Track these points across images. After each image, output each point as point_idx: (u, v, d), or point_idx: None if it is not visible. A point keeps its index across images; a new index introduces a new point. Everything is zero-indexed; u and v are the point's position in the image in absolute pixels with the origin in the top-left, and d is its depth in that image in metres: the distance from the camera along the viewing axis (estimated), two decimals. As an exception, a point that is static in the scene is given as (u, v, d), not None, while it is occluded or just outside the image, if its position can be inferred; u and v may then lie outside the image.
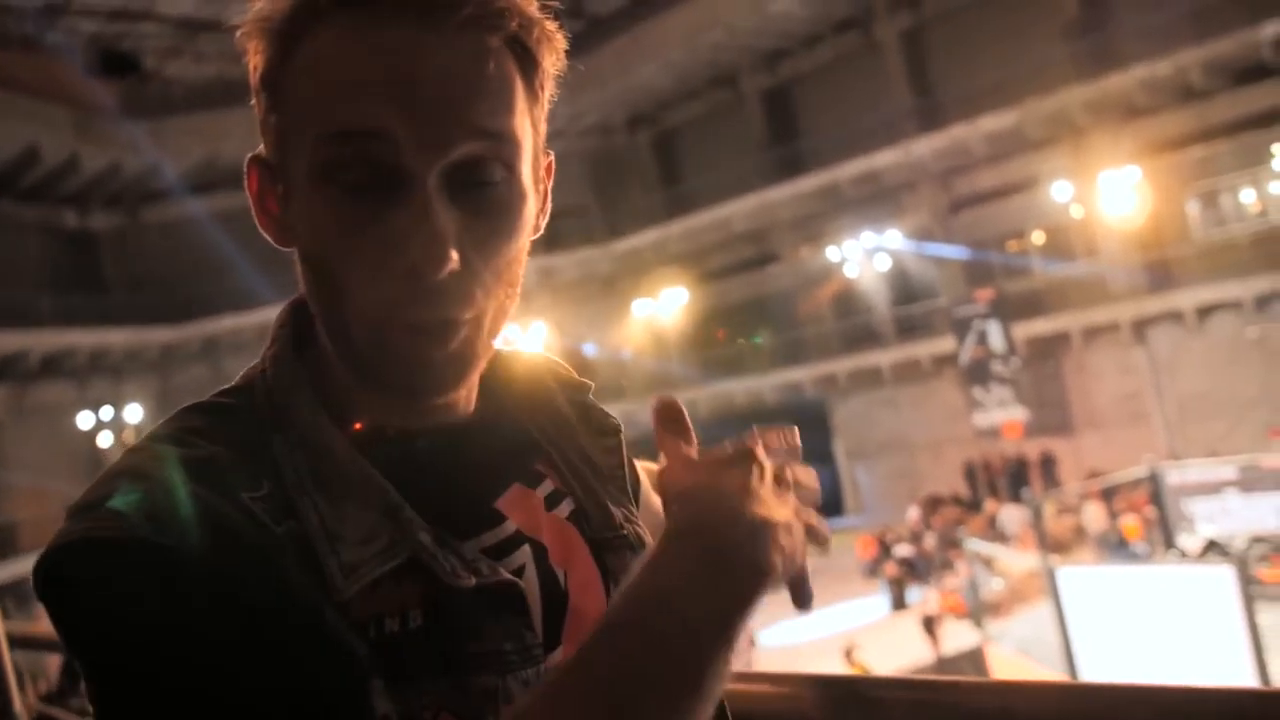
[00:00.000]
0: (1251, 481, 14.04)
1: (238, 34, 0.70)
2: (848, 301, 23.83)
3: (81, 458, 20.83)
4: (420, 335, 0.66)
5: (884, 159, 21.53)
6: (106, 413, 21.03)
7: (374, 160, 0.64)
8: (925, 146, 21.01)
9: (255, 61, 0.70)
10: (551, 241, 26.37)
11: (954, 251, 21.47)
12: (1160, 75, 17.99)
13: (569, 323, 25.07)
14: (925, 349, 21.63)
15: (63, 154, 21.66)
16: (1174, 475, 14.78)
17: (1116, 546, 15.78)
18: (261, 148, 0.72)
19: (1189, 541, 14.11)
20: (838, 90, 23.85)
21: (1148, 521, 15.63)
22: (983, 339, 19.31)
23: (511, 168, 0.68)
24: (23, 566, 16.13)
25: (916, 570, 17.33)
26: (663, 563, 0.61)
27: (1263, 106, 17.66)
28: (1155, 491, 14.87)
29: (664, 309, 25.23)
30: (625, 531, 0.80)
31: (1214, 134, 18.38)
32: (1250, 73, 17.49)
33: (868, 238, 22.07)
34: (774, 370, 24.46)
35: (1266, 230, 18.72)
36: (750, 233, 24.71)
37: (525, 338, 22.85)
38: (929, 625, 13.98)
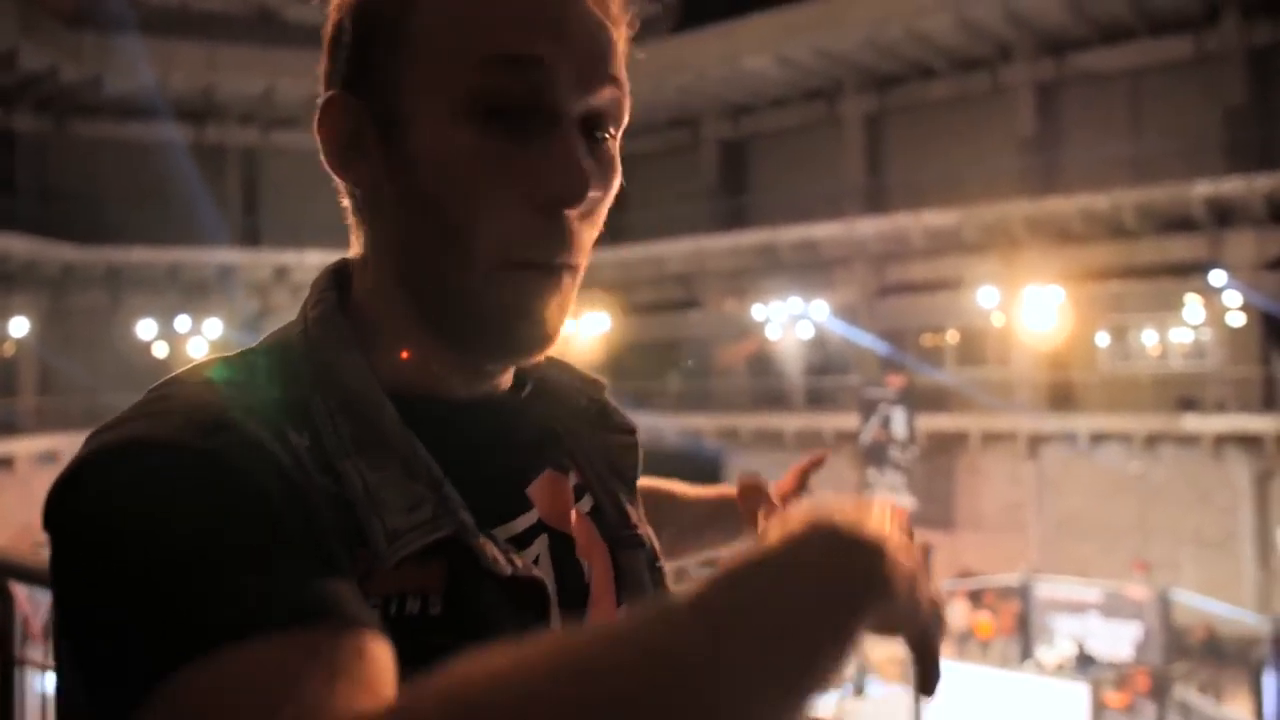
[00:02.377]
0: (1114, 607, 14.67)
1: None
2: (763, 361, 24.15)
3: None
4: (539, 279, 0.65)
5: (825, 230, 21.98)
6: (-12, 321, 19.92)
7: (529, 90, 0.63)
8: (868, 227, 21.54)
9: (368, 4, 0.67)
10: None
11: (872, 337, 21.98)
12: (1097, 208, 18.84)
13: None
14: (830, 421, 22.02)
15: (2, 45, 20.62)
16: (1044, 588, 15.35)
17: (971, 645, 16.22)
18: (329, 91, 0.69)
19: (1047, 654, 14.62)
20: (794, 154, 24.33)
21: (1005, 628, 16.15)
22: (886, 423, 19.75)
23: (619, 124, 0.69)
24: None
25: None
26: (774, 552, 0.50)
27: (1183, 256, 18.63)
28: (1023, 600, 15.40)
29: (582, 332, 25.19)
30: (639, 531, 0.79)
31: (1134, 273, 19.29)
32: (1177, 223, 18.46)
33: (794, 303, 22.42)
34: (679, 413, 24.60)
35: (1165, 373, 19.69)
36: (681, 275, 24.91)
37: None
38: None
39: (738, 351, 24.47)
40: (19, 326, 20.52)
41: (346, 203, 0.72)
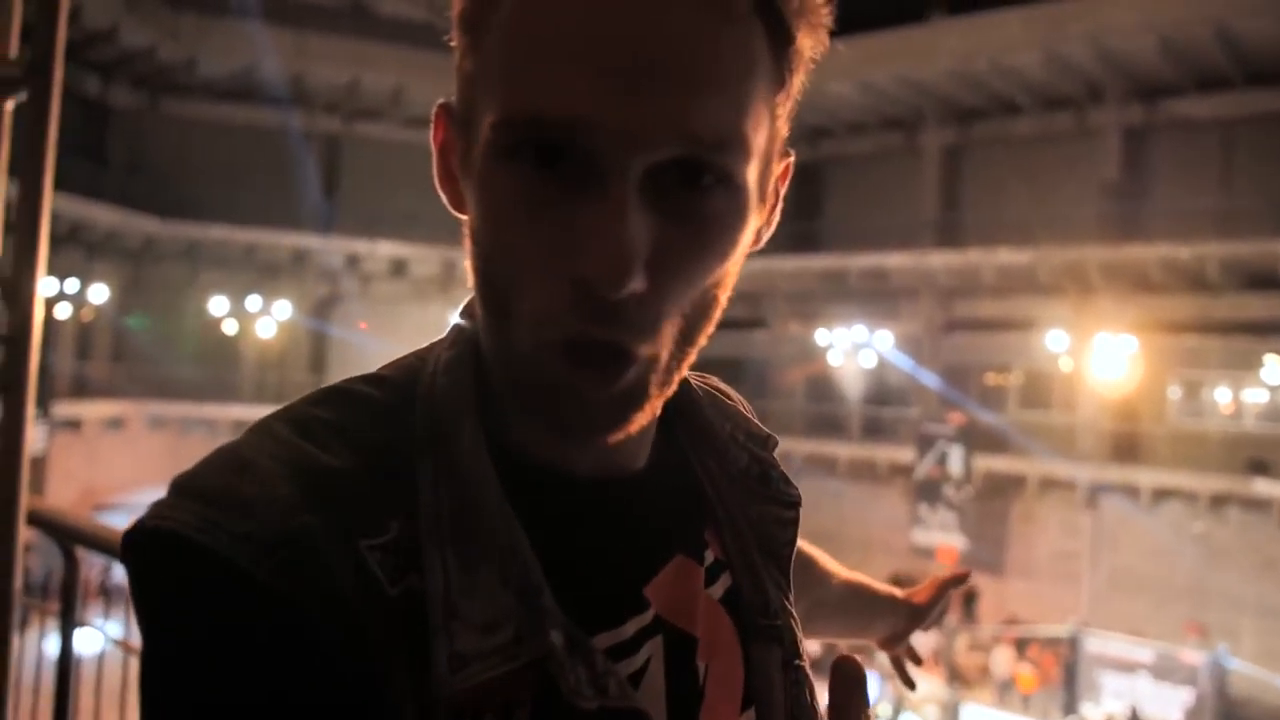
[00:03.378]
0: (1166, 670, 14.25)
1: None
2: (822, 386, 23.95)
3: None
4: (583, 360, 0.54)
5: (896, 261, 21.75)
6: (72, 285, 20.51)
7: (569, 143, 0.52)
8: (939, 260, 21.26)
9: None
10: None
11: (934, 372, 21.67)
12: (1179, 258, 18.37)
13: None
14: (885, 453, 21.75)
15: (105, 21, 21.25)
16: (1094, 643, 14.96)
17: (1012, 695, 15.86)
18: (454, 95, 0.60)
19: (1093, 712, 14.24)
20: (869, 182, 24.12)
21: (1048, 679, 15.76)
22: (943, 460, 19.48)
23: (732, 175, 0.54)
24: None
25: (819, 667, 17.28)
26: None
27: (1263, 315, 18.09)
28: (1072, 654, 15.02)
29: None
30: (779, 623, 0.71)
31: (1212, 328, 18.78)
32: (1261, 280, 17.91)
33: (859, 331, 22.22)
34: (733, 432, 24.45)
35: (1236, 433, 19.10)
36: (748, 293, 24.80)
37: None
38: (823, 722, 13.95)
39: (795, 374, 24.30)
40: (99, 293, 21.11)
41: None
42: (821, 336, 22.97)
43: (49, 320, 20.80)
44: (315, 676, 0.50)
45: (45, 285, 2.05)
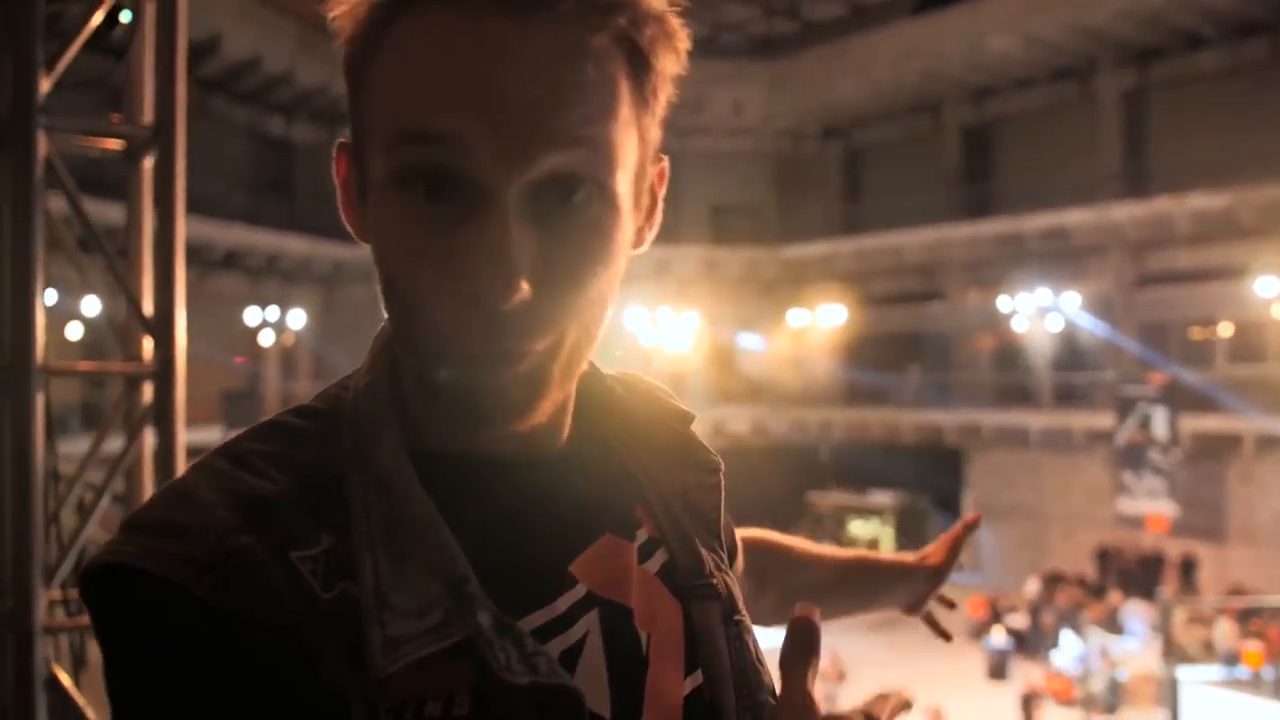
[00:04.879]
0: None
1: (330, 17, 0.65)
2: (1008, 355, 22.98)
3: (242, 350, 21.98)
4: (481, 363, 0.60)
5: (1076, 217, 20.60)
6: (272, 312, 22.06)
7: (448, 169, 0.58)
8: (1124, 212, 20.00)
9: (344, 46, 0.64)
10: (719, 235, 26.33)
11: (1129, 331, 20.42)
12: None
13: (723, 318, 25.00)
14: (1080, 420, 20.66)
15: (283, 65, 22.75)
16: (1329, 612, 13.75)
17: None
18: (341, 138, 0.68)
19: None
20: (1042, 138, 22.93)
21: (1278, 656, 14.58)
22: (1145, 423, 18.32)
23: (605, 184, 0.60)
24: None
25: (1026, 644, 16.62)
26: None
27: None
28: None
29: (819, 324, 24.86)
30: (714, 580, 0.75)
31: None
32: None
33: (1043, 294, 21.16)
34: (916, 409, 23.83)
35: None
36: (921, 265, 24.08)
37: (677, 324, 22.93)
38: (1028, 704, 13.41)
39: (978, 344, 23.42)
40: (296, 318, 22.60)
41: None
42: (1003, 303, 22.01)
43: (256, 346, 22.37)
44: (253, 683, 0.56)
45: (182, 322, 2.25)
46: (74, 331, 16.42)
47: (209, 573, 0.56)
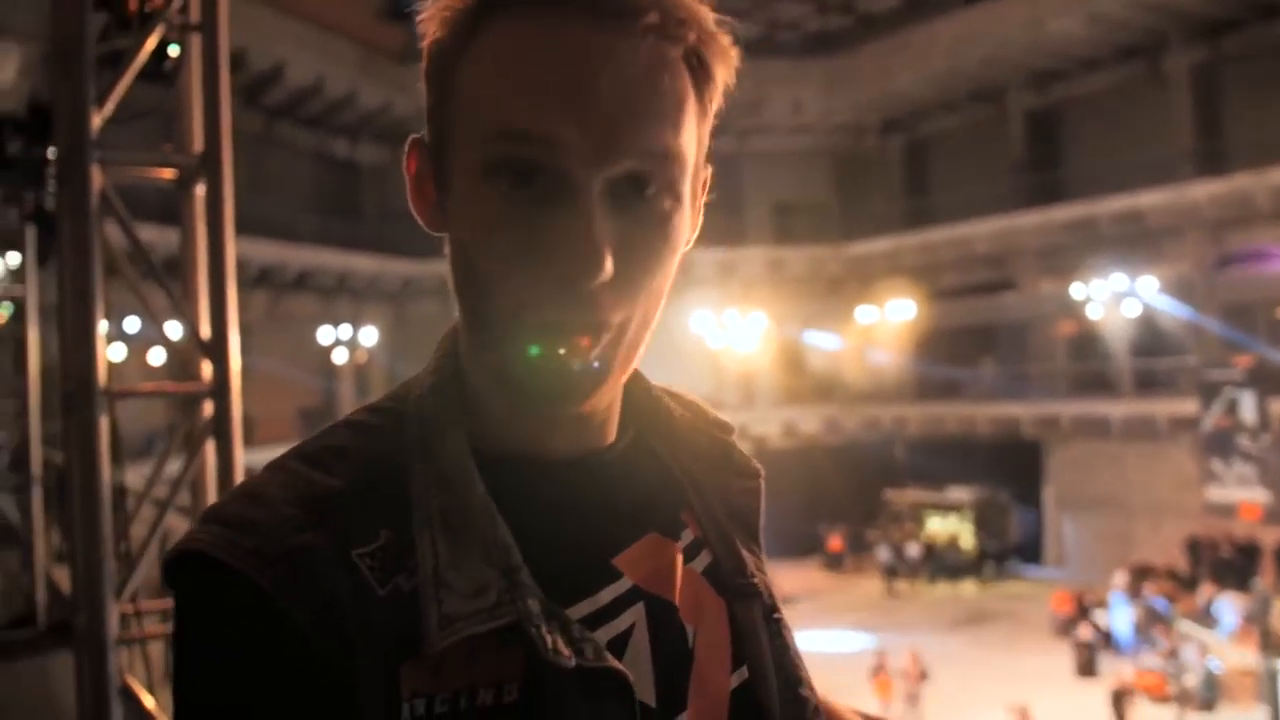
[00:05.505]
0: None
1: (417, 19, 0.70)
2: (1084, 344, 22.44)
3: (316, 369, 22.48)
4: (562, 336, 0.65)
5: (1151, 199, 20.06)
6: (345, 331, 22.53)
7: (542, 163, 0.63)
8: (1201, 191, 19.41)
9: (430, 48, 0.69)
10: (783, 234, 26.19)
11: (1211, 313, 19.80)
12: None
13: (789, 317, 24.84)
14: (1163, 407, 20.08)
15: (345, 88, 23.25)
16: None
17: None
18: (425, 132, 0.72)
19: None
20: (1110, 120, 22.38)
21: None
22: (1232, 408, 17.75)
23: (674, 184, 0.67)
24: (254, 458, 17.54)
25: (1114, 639, 16.20)
26: None
27: None
28: None
29: (888, 320, 24.57)
30: (755, 580, 0.79)
31: None
32: None
33: (1118, 280, 20.63)
34: (992, 402, 23.39)
35: None
36: (990, 256, 23.65)
37: (744, 325, 22.84)
38: (1118, 701, 13.07)
39: (1053, 333, 22.91)
40: (368, 335, 23.05)
41: None
42: (1077, 291, 21.52)
43: (330, 363, 22.81)
44: (302, 669, 0.61)
45: (235, 341, 2.33)
46: (157, 357, 16.94)
47: (273, 565, 0.61)
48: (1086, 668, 15.48)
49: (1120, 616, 16.66)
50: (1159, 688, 13.88)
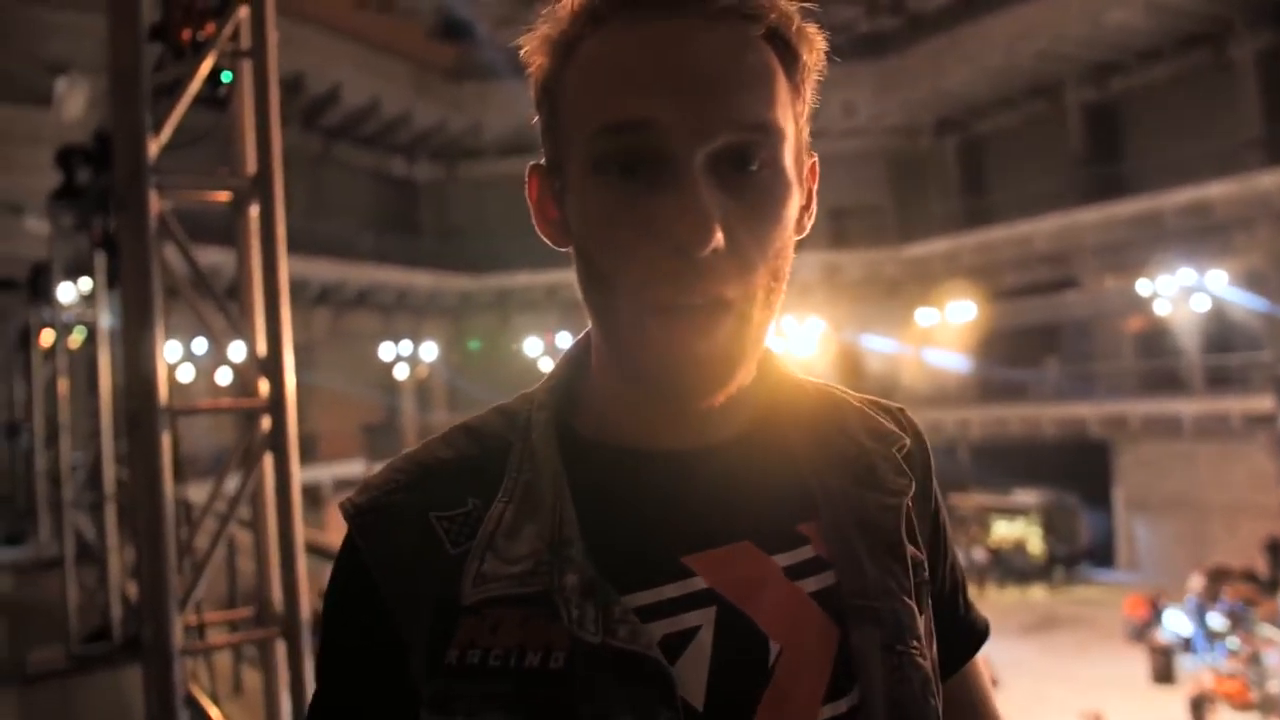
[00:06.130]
0: None
1: (522, 51, 0.74)
2: (1152, 341, 21.91)
3: (377, 384, 22.82)
4: (685, 321, 0.66)
5: (1219, 190, 19.55)
6: (405, 347, 22.84)
7: (643, 149, 0.66)
8: (1271, 181, 18.87)
9: (536, 75, 0.73)
10: (839, 239, 26.00)
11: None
12: None
13: (847, 321, 24.65)
14: (1237, 404, 19.52)
15: (400, 107, 23.63)
16: None
17: None
18: (542, 157, 0.76)
19: None
20: (1173, 111, 21.86)
21: None
22: (1309, 404, 17.20)
23: (774, 156, 0.69)
24: (318, 473, 17.87)
25: (1192, 644, 15.77)
26: None
27: None
28: None
29: (948, 321, 24.25)
30: (877, 605, 0.73)
31: None
32: None
33: (1185, 274, 20.13)
34: (1057, 403, 22.94)
35: None
36: (1051, 254, 23.23)
37: (802, 331, 22.71)
38: (1198, 708, 12.72)
39: (1119, 331, 22.40)
40: (428, 350, 23.34)
41: None
42: (1143, 287, 21.04)
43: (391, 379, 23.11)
44: (364, 603, 0.72)
45: (290, 359, 2.39)
46: (223, 377, 17.31)
47: (363, 517, 0.73)
48: (1163, 673, 15.08)
49: (1191, 621, 16.18)
50: (1241, 694, 13.46)
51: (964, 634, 0.87)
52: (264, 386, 2.46)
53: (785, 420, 0.79)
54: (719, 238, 0.65)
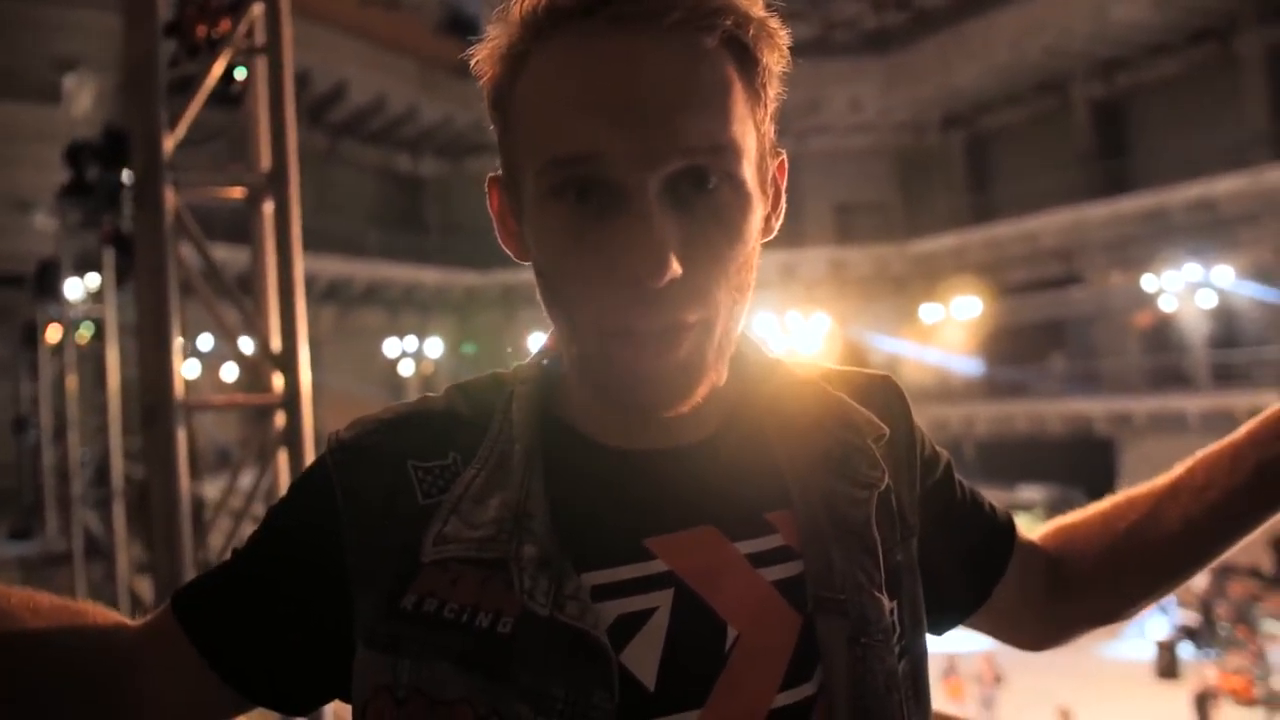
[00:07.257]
0: None
1: (473, 62, 0.72)
2: (1158, 337, 21.86)
3: (383, 381, 22.85)
4: (644, 343, 0.66)
5: (1225, 186, 19.48)
6: (410, 343, 22.86)
7: (596, 177, 0.65)
8: (1278, 176, 18.82)
9: (487, 86, 0.72)
10: (845, 235, 25.98)
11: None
12: None
13: (852, 317, 24.63)
14: (1244, 400, 19.43)
15: (406, 104, 23.64)
16: None
17: None
18: (500, 169, 0.75)
19: None
20: (1180, 107, 21.80)
21: None
22: (1316, 400, 17.16)
23: (732, 173, 0.67)
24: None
25: (1197, 640, 15.75)
26: None
27: None
28: None
29: (954, 317, 24.22)
30: (842, 597, 0.72)
31: None
32: None
33: (1192, 270, 20.08)
34: (1063, 399, 22.91)
35: None
36: (1058, 250, 23.19)
37: (807, 327, 22.70)
38: (1203, 704, 12.71)
39: (1125, 327, 22.35)
40: (433, 347, 23.37)
41: None
42: (1149, 283, 20.99)
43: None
44: (321, 526, 0.73)
45: (305, 355, 2.40)
46: (229, 372, 17.34)
47: (343, 451, 0.75)
48: (1168, 669, 15.07)
49: (1196, 617, 16.18)
50: (1245, 690, 13.45)
51: (1001, 532, 0.96)
52: (278, 382, 2.47)
53: (761, 412, 0.78)
54: (675, 268, 0.64)
